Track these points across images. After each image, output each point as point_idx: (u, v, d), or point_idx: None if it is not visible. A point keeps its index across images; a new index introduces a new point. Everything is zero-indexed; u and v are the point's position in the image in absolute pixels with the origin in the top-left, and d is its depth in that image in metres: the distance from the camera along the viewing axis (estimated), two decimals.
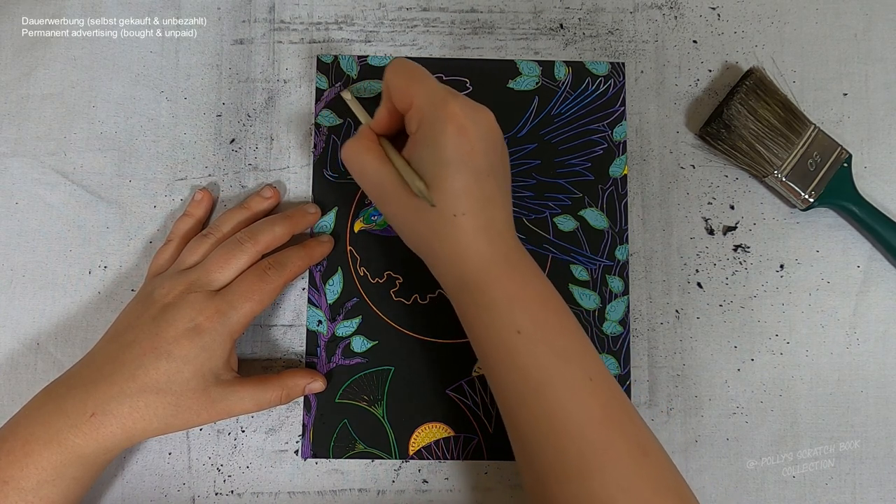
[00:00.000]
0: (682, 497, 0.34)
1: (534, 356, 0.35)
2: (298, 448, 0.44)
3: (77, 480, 0.37)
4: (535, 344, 0.35)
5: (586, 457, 0.33)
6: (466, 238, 0.35)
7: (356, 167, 0.39)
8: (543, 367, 0.35)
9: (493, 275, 0.36)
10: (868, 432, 0.44)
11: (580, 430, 0.34)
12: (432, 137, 0.35)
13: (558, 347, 0.35)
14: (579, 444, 0.33)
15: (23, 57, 0.47)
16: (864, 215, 0.44)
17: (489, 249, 0.36)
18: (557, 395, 0.34)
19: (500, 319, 0.35)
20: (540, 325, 0.35)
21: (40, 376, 0.44)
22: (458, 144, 0.35)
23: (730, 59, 0.47)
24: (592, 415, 0.34)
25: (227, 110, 0.47)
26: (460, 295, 0.37)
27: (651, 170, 0.46)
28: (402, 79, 0.36)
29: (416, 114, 0.36)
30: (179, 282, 0.39)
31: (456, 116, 0.35)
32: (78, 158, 0.46)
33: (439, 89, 0.36)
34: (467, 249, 0.36)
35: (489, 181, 0.36)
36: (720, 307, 0.45)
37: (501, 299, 0.35)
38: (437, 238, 0.36)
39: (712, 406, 0.44)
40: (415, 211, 0.36)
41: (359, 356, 0.44)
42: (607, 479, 0.33)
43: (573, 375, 0.35)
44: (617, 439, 0.34)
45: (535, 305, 0.36)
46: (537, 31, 0.47)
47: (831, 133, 0.46)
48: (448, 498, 0.43)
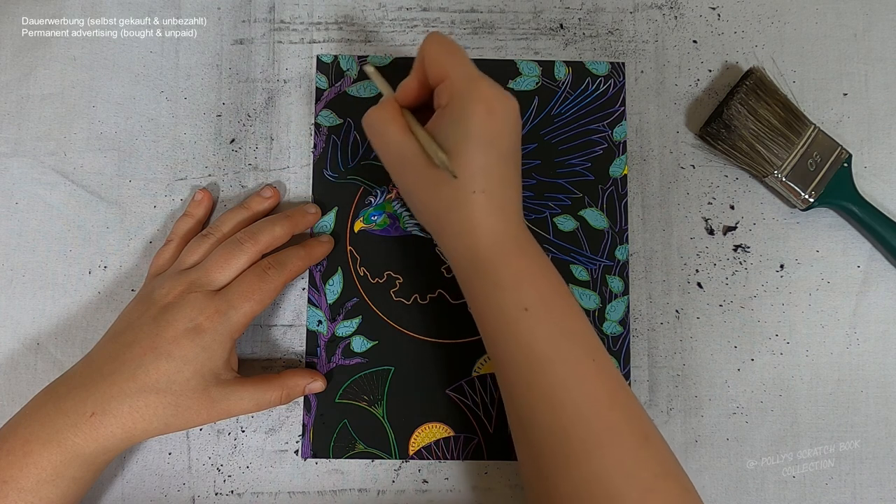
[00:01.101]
0: (682, 483, 0.34)
1: (539, 334, 0.35)
2: (298, 448, 0.44)
3: (76, 480, 0.37)
4: (540, 322, 0.35)
5: (588, 439, 0.33)
6: (481, 214, 0.36)
7: (377, 135, 0.39)
8: (549, 345, 0.35)
9: (504, 252, 0.36)
10: (868, 432, 0.44)
11: (583, 412, 0.34)
12: (461, 113, 0.36)
13: (564, 327, 0.35)
14: (583, 425, 0.33)
15: (23, 57, 0.47)
16: (864, 215, 0.44)
17: (502, 228, 0.36)
18: (561, 374, 0.34)
19: (508, 296, 0.36)
20: (546, 303, 0.36)
21: (40, 376, 0.44)
22: (486, 123, 0.35)
23: (730, 59, 0.47)
24: (597, 396, 0.34)
25: (227, 110, 0.47)
26: (469, 271, 0.37)
27: (651, 170, 0.46)
28: (441, 51, 0.37)
29: (449, 87, 0.36)
30: (179, 282, 0.39)
31: (488, 98, 0.36)
32: (78, 158, 0.46)
33: (474, 69, 0.37)
34: (481, 226, 0.36)
35: (509, 164, 0.37)
36: (720, 307, 0.45)
37: (510, 277, 0.36)
38: (452, 212, 0.36)
39: (712, 406, 0.44)
40: (433, 184, 0.36)
41: (359, 356, 0.44)
42: (609, 463, 0.33)
43: (577, 355, 0.35)
44: (620, 422, 0.34)
45: (542, 285, 0.36)
46: (537, 31, 0.47)
47: (831, 133, 0.46)
48: (448, 498, 0.43)
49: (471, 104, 0.35)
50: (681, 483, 0.34)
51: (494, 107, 0.36)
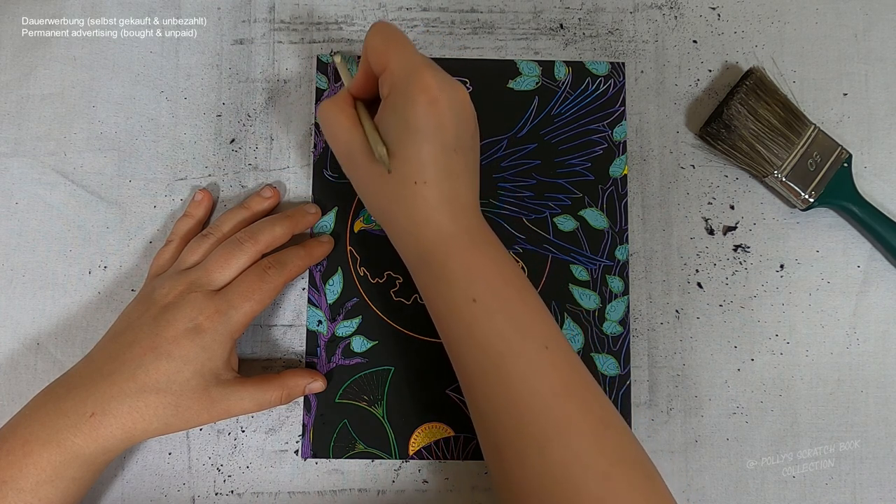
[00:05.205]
0: (643, 468, 0.34)
1: (491, 326, 0.35)
2: (298, 448, 0.44)
3: (76, 481, 0.37)
4: (491, 314, 0.35)
5: (545, 429, 0.33)
6: (427, 208, 0.35)
7: (328, 127, 0.39)
8: (501, 338, 0.34)
9: (452, 247, 0.36)
10: (868, 432, 0.44)
11: (539, 402, 0.33)
12: (402, 104, 0.35)
13: (516, 318, 0.35)
14: (538, 416, 0.33)
15: (23, 57, 0.47)
16: (864, 215, 0.44)
17: (450, 223, 0.36)
18: (516, 365, 0.34)
19: (456, 289, 0.35)
20: (497, 295, 0.35)
21: (40, 376, 0.44)
22: (427, 115, 0.34)
23: (730, 59, 0.47)
24: (552, 386, 0.34)
25: (227, 110, 0.47)
26: (418, 265, 0.37)
27: (651, 170, 0.46)
28: (380, 41, 0.36)
29: (389, 78, 0.36)
30: (180, 282, 0.39)
31: (429, 88, 0.34)
32: (78, 158, 0.46)
33: (416, 57, 0.36)
34: (427, 220, 0.36)
35: (456, 156, 0.36)
36: (720, 307, 0.45)
37: (458, 270, 0.35)
38: (397, 206, 0.36)
39: (712, 406, 0.44)
40: (378, 176, 0.36)
41: (359, 356, 0.44)
42: (566, 452, 0.33)
43: (531, 346, 0.35)
44: (576, 411, 0.34)
45: (492, 277, 0.36)
46: (537, 31, 0.47)
47: (831, 133, 0.46)
48: (448, 498, 0.43)
49: (412, 95, 0.34)
50: (642, 469, 0.34)
51: (437, 97, 0.34)
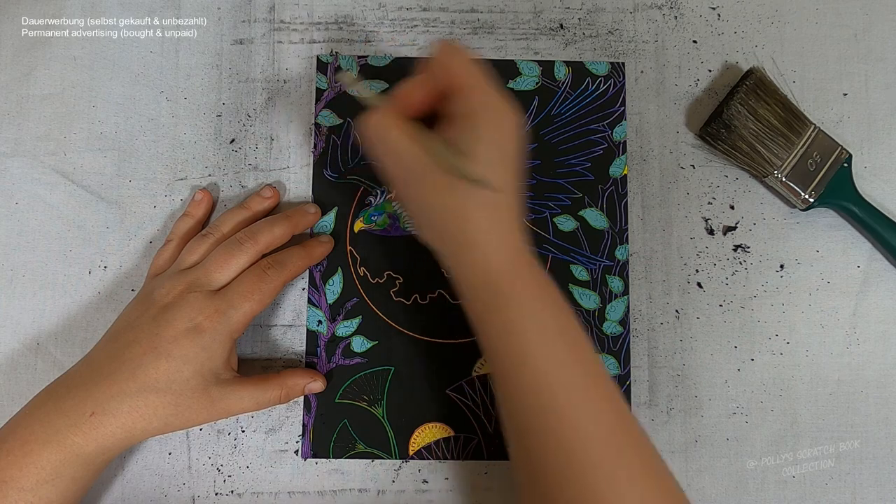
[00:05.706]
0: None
1: (550, 357, 0.34)
2: (298, 448, 0.44)
3: (76, 480, 0.37)
4: (552, 345, 0.34)
5: (597, 481, 0.33)
6: (501, 229, 0.35)
7: (381, 143, 0.36)
8: (558, 369, 0.34)
9: (519, 271, 0.35)
10: (868, 432, 0.44)
11: (591, 452, 0.33)
12: (494, 126, 0.35)
13: (574, 353, 0.35)
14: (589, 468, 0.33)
15: (23, 57, 0.47)
16: (864, 215, 0.44)
17: (520, 245, 0.36)
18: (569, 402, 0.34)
19: (521, 317, 0.35)
20: (560, 327, 0.35)
21: (40, 376, 0.44)
22: (518, 140, 0.36)
23: (730, 59, 0.47)
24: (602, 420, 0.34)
25: (227, 110, 0.47)
26: (479, 290, 0.36)
27: (651, 170, 0.46)
28: (460, 60, 0.35)
29: (473, 98, 0.35)
30: (179, 282, 0.39)
31: (514, 112, 0.36)
32: (78, 158, 0.46)
33: (488, 79, 0.36)
34: (490, 240, 0.35)
35: (518, 178, 0.36)
36: (720, 307, 0.45)
37: (525, 296, 0.35)
38: (469, 224, 0.35)
39: (712, 406, 0.44)
40: (448, 191, 0.34)
41: (359, 356, 0.44)
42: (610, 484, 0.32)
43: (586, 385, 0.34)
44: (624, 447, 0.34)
45: (555, 307, 0.36)
46: (537, 31, 0.47)
47: (831, 133, 0.46)
48: (448, 498, 0.43)
49: (499, 117, 0.35)
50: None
51: (519, 122, 0.36)
